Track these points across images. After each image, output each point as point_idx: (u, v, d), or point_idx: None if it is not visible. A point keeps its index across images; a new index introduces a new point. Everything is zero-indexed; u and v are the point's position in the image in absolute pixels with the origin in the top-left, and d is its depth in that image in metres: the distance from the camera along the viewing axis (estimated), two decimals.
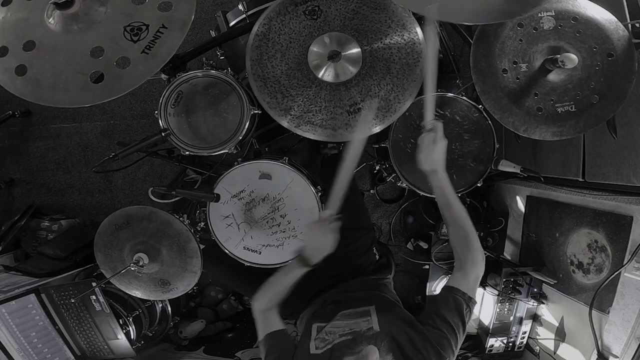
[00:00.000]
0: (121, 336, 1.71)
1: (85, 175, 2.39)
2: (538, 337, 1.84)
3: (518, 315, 1.83)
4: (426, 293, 2.15)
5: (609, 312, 1.40)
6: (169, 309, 2.06)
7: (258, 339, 1.21)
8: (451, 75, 1.87)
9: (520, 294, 1.79)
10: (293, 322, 1.56)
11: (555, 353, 1.70)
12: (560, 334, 1.69)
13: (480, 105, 1.39)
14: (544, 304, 1.78)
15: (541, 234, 1.81)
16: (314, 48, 1.24)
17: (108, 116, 2.33)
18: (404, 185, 1.47)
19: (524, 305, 1.82)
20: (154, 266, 1.49)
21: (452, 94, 1.42)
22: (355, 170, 1.16)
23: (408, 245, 2.27)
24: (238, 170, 1.43)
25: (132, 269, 1.44)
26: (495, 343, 1.88)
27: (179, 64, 1.37)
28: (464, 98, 1.42)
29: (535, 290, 1.79)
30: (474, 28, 1.25)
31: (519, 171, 1.44)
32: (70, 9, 1.03)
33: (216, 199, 1.38)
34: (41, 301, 1.73)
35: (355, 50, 1.24)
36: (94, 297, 1.66)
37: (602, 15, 1.20)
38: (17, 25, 1.07)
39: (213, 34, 1.74)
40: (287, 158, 1.45)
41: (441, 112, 1.43)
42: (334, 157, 2.07)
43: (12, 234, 2.16)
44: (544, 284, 1.78)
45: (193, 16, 1.06)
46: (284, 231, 1.46)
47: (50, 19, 1.06)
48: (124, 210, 1.48)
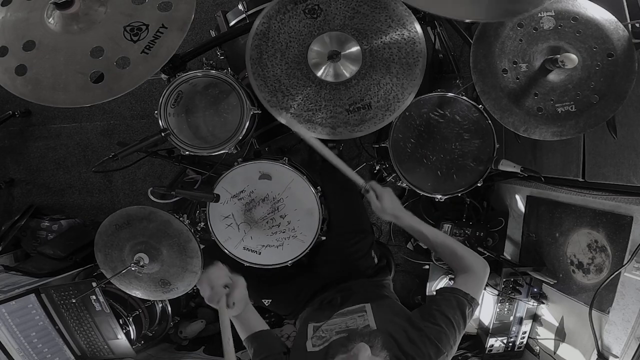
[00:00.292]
0: (121, 336, 1.71)
1: (85, 175, 2.39)
2: (538, 337, 1.84)
3: (518, 315, 1.83)
4: (426, 293, 2.15)
5: (609, 312, 1.40)
6: (169, 309, 2.05)
7: (241, 338, 1.22)
8: (451, 75, 1.88)
9: (520, 294, 1.79)
10: (292, 322, 1.56)
11: (555, 353, 1.70)
12: (560, 334, 1.69)
13: (480, 105, 1.39)
14: (544, 304, 1.78)
15: (541, 234, 1.81)
16: (314, 47, 1.24)
17: (108, 116, 2.33)
18: (404, 185, 1.47)
19: (524, 305, 1.82)
20: (154, 266, 1.48)
21: (452, 94, 1.42)
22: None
23: (408, 245, 2.27)
24: (238, 171, 1.43)
25: (133, 269, 1.44)
26: (495, 343, 1.88)
27: (179, 64, 1.37)
28: (464, 98, 1.42)
29: (535, 290, 1.79)
30: (474, 28, 1.25)
31: (519, 171, 1.44)
32: (70, 9, 1.03)
33: (216, 199, 1.38)
34: (41, 301, 1.73)
35: (355, 49, 1.24)
36: (94, 297, 1.66)
37: (602, 15, 1.20)
38: (17, 25, 1.07)
39: (213, 34, 1.74)
40: (287, 158, 1.45)
41: (441, 112, 1.43)
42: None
43: (12, 234, 2.16)
44: (544, 284, 1.77)
45: (193, 16, 1.06)
46: (284, 231, 1.46)
47: (50, 19, 1.06)
48: (124, 210, 1.48)
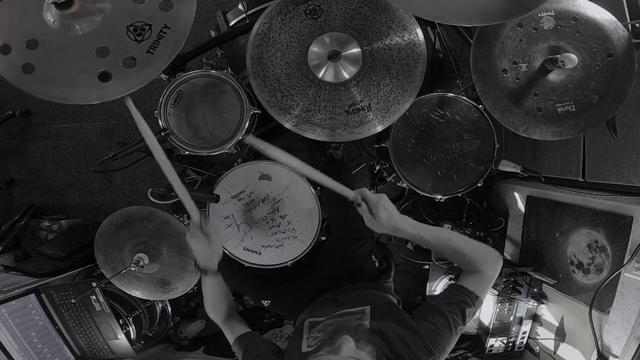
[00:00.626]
0: (121, 336, 1.71)
1: (85, 175, 2.39)
2: (538, 337, 1.84)
3: (518, 315, 1.83)
4: (426, 293, 2.15)
5: (609, 312, 1.40)
6: (169, 309, 2.06)
7: (230, 342, 1.22)
8: (451, 75, 1.87)
9: (520, 294, 1.79)
10: (292, 323, 1.56)
11: (555, 353, 1.70)
12: (560, 334, 1.69)
13: (480, 105, 1.39)
14: (544, 304, 1.78)
15: (541, 234, 1.81)
16: (314, 48, 1.24)
17: (108, 116, 2.33)
18: (404, 185, 1.47)
19: (524, 305, 1.82)
20: (154, 266, 1.49)
21: (452, 94, 1.42)
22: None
23: (408, 245, 2.27)
24: (238, 171, 1.43)
25: (133, 269, 1.44)
26: (495, 343, 1.88)
27: (179, 63, 1.37)
28: (464, 98, 1.42)
29: (535, 290, 1.79)
30: (474, 28, 1.25)
31: (519, 171, 1.45)
32: (70, 9, 1.03)
33: (216, 199, 1.38)
34: (41, 301, 1.73)
35: (355, 50, 1.24)
36: (94, 297, 1.66)
37: (602, 15, 1.20)
38: (15, 23, 1.06)
39: (213, 34, 1.74)
40: None
41: (441, 112, 1.43)
42: (334, 160, 2.07)
43: (12, 234, 2.16)
44: (544, 284, 1.77)
45: (194, 15, 1.06)
46: (284, 232, 1.46)
47: (50, 18, 1.06)
48: (124, 211, 1.48)
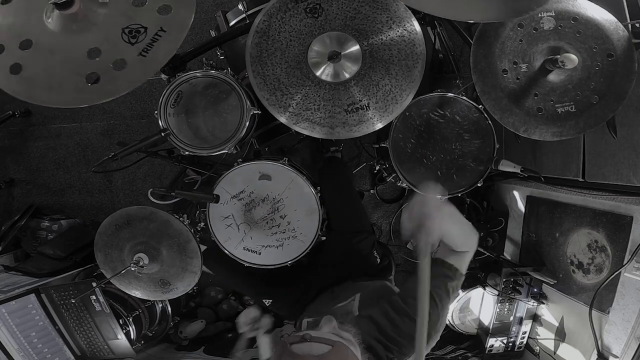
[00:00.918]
0: (121, 336, 1.71)
1: (85, 175, 2.39)
2: (538, 337, 1.84)
3: (518, 315, 1.83)
4: None
5: (609, 312, 1.40)
6: (169, 309, 2.06)
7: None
8: (451, 75, 1.88)
9: (520, 294, 1.79)
10: (293, 323, 1.56)
11: (555, 353, 1.70)
12: (560, 334, 1.69)
13: (480, 105, 1.39)
14: (544, 304, 1.78)
15: (541, 234, 1.81)
16: (314, 47, 1.23)
17: (108, 116, 2.33)
18: (404, 185, 1.47)
19: (524, 305, 1.82)
20: (154, 266, 1.49)
21: (452, 94, 1.42)
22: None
23: (408, 245, 2.27)
24: (238, 171, 1.43)
25: (132, 269, 1.44)
26: (495, 343, 1.88)
27: (179, 64, 1.37)
28: (464, 98, 1.42)
29: (535, 290, 1.79)
30: (474, 28, 1.25)
31: (519, 171, 1.45)
32: (69, 9, 1.03)
33: (216, 199, 1.38)
34: (41, 301, 1.73)
35: (355, 49, 1.24)
36: (94, 297, 1.66)
37: (602, 15, 1.20)
38: (16, 24, 1.06)
39: (213, 34, 1.74)
40: (287, 159, 1.45)
41: (441, 112, 1.43)
42: (334, 159, 2.06)
43: (12, 234, 2.16)
44: (544, 284, 1.77)
45: (192, 20, 1.05)
46: (284, 232, 1.46)
47: (49, 19, 1.06)
48: (124, 210, 1.48)
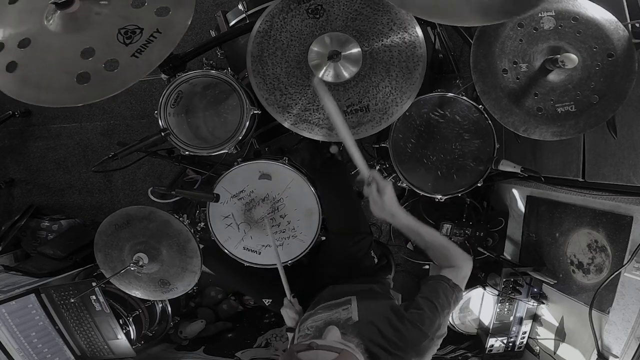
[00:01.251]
0: (121, 336, 1.71)
1: (85, 175, 2.39)
2: (538, 337, 1.84)
3: (518, 315, 1.83)
4: None
5: (609, 312, 1.40)
6: (169, 309, 2.05)
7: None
8: (451, 75, 1.87)
9: (520, 294, 1.78)
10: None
11: (555, 353, 1.70)
12: (560, 334, 1.69)
13: (480, 105, 1.39)
14: (544, 304, 1.78)
15: (541, 234, 1.81)
16: (314, 47, 1.24)
17: (108, 116, 2.33)
18: (404, 185, 1.47)
19: (524, 305, 1.82)
20: (153, 266, 1.49)
21: (452, 94, 1.42)
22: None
23: (408, 245, 2.27)
24: (238, 171, 1.43)
25: (132, 269, 1.44)
26: (495, 343, 1.88)
27: (178, 64, 1.37)
28: (464, 98, 1.42)
29: (535, 290, 1.78)
30: (474, 28, 1.25)
31: (519, 171, 1.44)
32: (69, 9, 1.03)
33: (216, 199, 1.38)
34: (41, 301, 1.73)
35: (356, 50, 1.24)
36: (94, 297, 1.66)
37: (602, 15, 1.20)
38: (18, 23, 1.07)
39: (213, 34, 1.74)
40: (287, 158, 1.45)
41: (441, 112, 1.43)
42: (333, 159, 2.06)
43: (12, 234, 2.16)
44: (544, 284, 1.77)
45: (190, 22, 1.05)
46: (284, 231, 1.46)
47: (50, 19, 1.06)
48: (124, 210, 1.48)
